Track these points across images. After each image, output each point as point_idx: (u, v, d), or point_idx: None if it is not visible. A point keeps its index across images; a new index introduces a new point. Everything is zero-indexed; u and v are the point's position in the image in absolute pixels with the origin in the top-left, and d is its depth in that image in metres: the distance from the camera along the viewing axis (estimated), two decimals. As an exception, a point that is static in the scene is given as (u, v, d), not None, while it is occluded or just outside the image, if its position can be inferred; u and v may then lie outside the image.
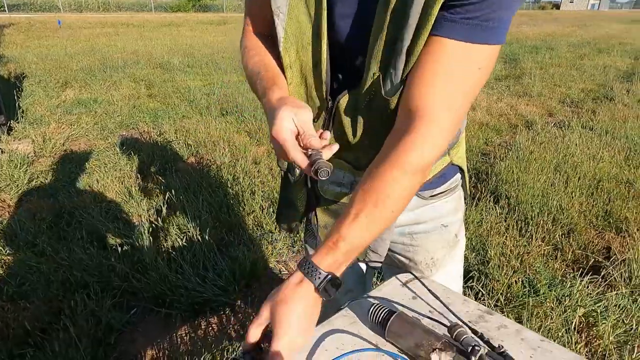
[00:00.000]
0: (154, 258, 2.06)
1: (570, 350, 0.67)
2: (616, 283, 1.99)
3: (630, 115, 4.61)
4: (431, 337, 0.64)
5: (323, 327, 0.74)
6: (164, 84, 6.09)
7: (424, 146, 0.62)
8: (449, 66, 0.61)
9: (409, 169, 0.62)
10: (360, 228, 0.62)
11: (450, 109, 0.62)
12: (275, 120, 0.64)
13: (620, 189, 2.87)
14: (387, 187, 0.62)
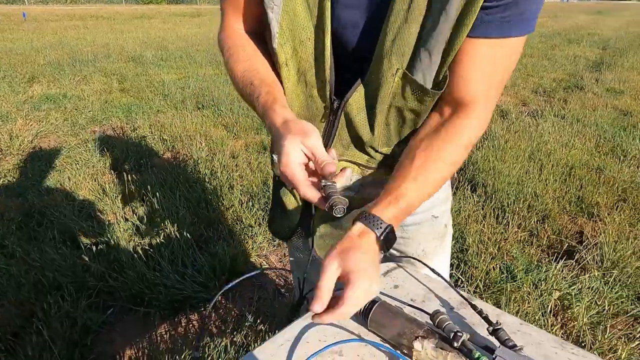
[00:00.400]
0: (130, 256, 2.01)
1: (547, 332, 0.68)
2: (589, 266, 2.05)
3: (599, 104, 4.75)
4: (413, 325, 0.64)
5: (305, 320, 0.73)
6: (137, 77, 5.93)
7: (475, 127, 0.68)
8: (490, 62, 0.64)
9: (462, 144, 0.68)
10: (418, 189, 0.66)
11: (492, 96, 0.68)
12: (282, 155, 0.61)
13: (591, 175, 2.96)
14: (444, 158, 0.67)
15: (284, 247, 2.30)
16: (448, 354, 0.59)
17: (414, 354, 0.62)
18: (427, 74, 0.65)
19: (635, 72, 6.36)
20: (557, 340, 0.67)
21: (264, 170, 2.98)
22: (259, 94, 0.69)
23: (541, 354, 0.64)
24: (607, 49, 8.62)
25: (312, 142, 0.61)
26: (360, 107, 0.72)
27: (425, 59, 0.63)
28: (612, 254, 2.09)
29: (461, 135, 0.68)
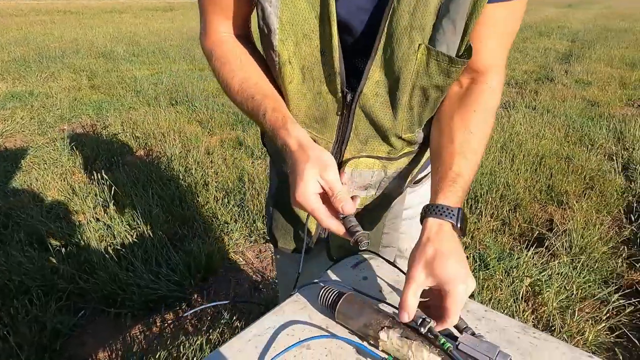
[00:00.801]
0: (102, 257, 1.96)
1: (511, 318, 0.69)
2: (558, 252, 2.11)
3: (569, 95, 4.88)
4: (379, 316, 0.64)
5: (273, 315, 0.73)
6: (108, 74, 5.77)
7: (496, 90, 0.70)
8: (504, 24, 0.66)
9: (490, 108, 0.69)
10: (469, 164, 0.66)
11: (505, 58, 0.70)
12: (298, 185, 0.60)
13: (561, 164, 3.04)
14: (480, 126, 0.68)
15: (260, 243, 2.29)
16: (412, 342, 0.59)
17: (380, 344, 0.62)
18: (452, 45, 0.62)
19: (602, 63, 6.56)
20: (520, 325, 0.68)
21: (240, 166, 2.96)
22: (264, 111, 0.67)
23: (504, 339, 0.65)
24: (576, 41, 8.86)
25: (332, 177, 0.61)
26: (378, 95, 0.68)
27: (449, 30, 0.61)
28: (580, 240, 2.15)
29: (487, 100, 0.69)
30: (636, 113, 4.25)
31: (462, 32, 0.62)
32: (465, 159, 0.65)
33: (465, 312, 0.71)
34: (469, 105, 0.68)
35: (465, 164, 0.65)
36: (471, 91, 0.69)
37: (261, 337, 0.68)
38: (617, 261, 2.08)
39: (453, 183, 0.64)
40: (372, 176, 0.78)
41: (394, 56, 0.63)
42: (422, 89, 0.67)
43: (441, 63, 0.64)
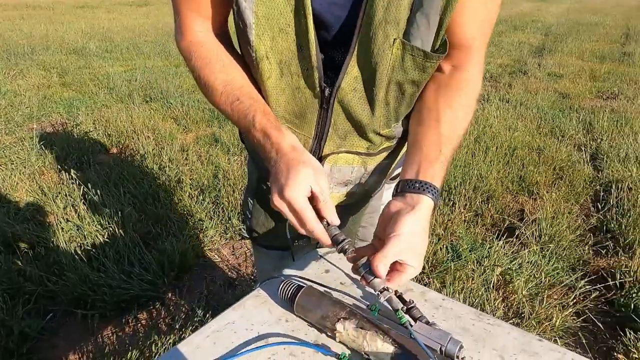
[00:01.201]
0: (71, 258, 1.92)
1: (467, 306, 0.71)
2: (528, 242, 2.16)
3: (541, 88, 4.98)
4: (336, 307, 0.64)
5: (234, 310, 0.72)
6: (79, 71, 5.62)
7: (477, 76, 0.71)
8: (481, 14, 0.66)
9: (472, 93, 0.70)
10: (452, 145, 0.67)
11: (484, 47, 0.70)
12: (290, 184, 0.59)
13: (532, 155, 3.11)
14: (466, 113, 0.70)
15: (236, 240, 2.27)
16: (367, 332, 0.60)
17: (336, 335, 0.62)
18: (426, 39, 0.62)
19: (574, 56, 6.72)
20: (475, 313, 0.70)
21: (215, 162, 2.93)
22: (254, 113, 0.66)
23: (460, 326, 0.67)
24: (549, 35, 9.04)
25: (324, 185, 0.61)
26: (355, 90, 0.68)
27: (423, 24, 0.61)
28: (549, 229, 2.21)
29: (469, 86, 0.70)
30: (605, 105, 4.38)
31: (436, 27, 0.62)
32: (450, 142, 0.67)
33: (423, 301, 0.72)
34: (453, 90, 0.69)
35: (450, 147, 0.67)
36: (454, 78, 0.70)
37: (220, 333, 0.67)
38: (584, 248, 2.15)
39: (439, 164, 0.65)
40: (351, 172, 0.78)
41: (370, 51, 0.63)
42: (398, 84, 0.68)
43: (416, 58, 0.64)
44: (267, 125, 0.65)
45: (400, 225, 0.59)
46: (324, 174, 0.63)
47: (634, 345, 1.57)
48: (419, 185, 0.63)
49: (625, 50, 7.00)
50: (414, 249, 0.59)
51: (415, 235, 0.59)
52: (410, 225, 0.59)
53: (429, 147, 0.66)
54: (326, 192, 0.61)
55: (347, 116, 0.71)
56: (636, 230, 2.19)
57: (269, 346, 0.63)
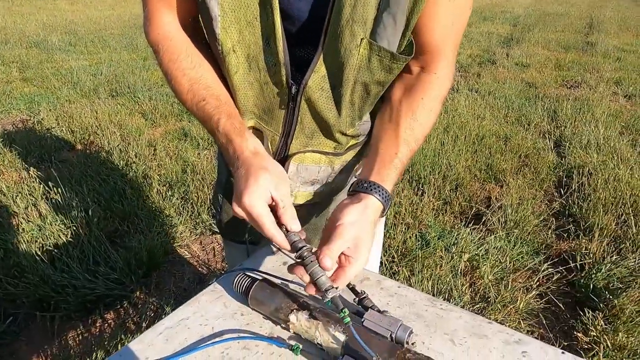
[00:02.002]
0: (33, 259, 1.85)
1: (421, 292, 0.72)
2: (494, 227, 2.22)
3: (509, 77, 5.09)
4: (289, 299, 0.64)
5: (188, 306, 0.71)
6: (41, 65, 5.40)
7: (444, 80, 0.70)
8: (450, 14, 0.65)
9: (437, 97, 0.70)
10: (410, 149, 0.68)
11: (454, 48, 0.70)
12: (248, 190, 0.57)
13: (500, 144, 3.18)
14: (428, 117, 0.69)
15: (206, 235, 2.24)
16: (319, 323, 0.60)
17: (290, 326, 0.62)
18: (392, 40, 0.62)
19: (540, 46, 6.88)
20: (429, 299, 0.71)
21: (184, 157, 2.87)
22: (219, 116, 0.64)
23: (413, 312, 0.68)
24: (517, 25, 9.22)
25: (285, 192, 0.59)
26: (322, 89, 0.67)
27: (390, 25, 0.60)
28: (514, 214, 2.27)
29: (434, 89, 0.69)
30: (569, 93, 4.51)
31: (403, 27, 0.61)
32: (407, 147, 0.67)
33: (379, 289, 0.73)
34: (417, 93, 0.69)
35: (407, 151, 0.67)
36: (420, 79, 0.70)
37: (173, 330, 0.66)
38: (547, 233, 2.22)
39: (393, 167, 0.65)
40: (318, 171, 0.78)
41: (337, 50, 0.62)
42: (364, 84, 0.67)
43: (383, 59, 0.63)
44: (230, 130, 0.64)
45: (345, 215, 0.59)
46: (286, 179, 0.62)
47: (592, 324, 1.63)
48: (367, 185, 0.63)
49: (589, 40, 7.22)
50: (359, 240, 0.58)
51: (360, 228, 0.59)
52: (356, 216, 0.59)
53: (385, 150, 0.67)
54: (286, 199, 0.60)
55: (314, 115, 0.71)
56: (596, 214, 2.27)
57: (223, 342, 0.62)
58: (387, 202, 0.64)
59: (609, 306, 1.69)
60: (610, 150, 3.02)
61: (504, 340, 0.62)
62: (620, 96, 4.44)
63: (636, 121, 3.63)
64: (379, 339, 0.57)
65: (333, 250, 0.57)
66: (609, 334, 1.57)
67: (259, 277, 0.70)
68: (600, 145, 3.11)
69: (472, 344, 0.61)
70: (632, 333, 1.56)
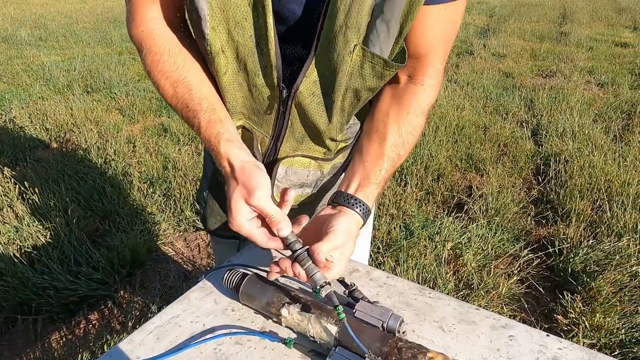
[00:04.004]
0: (10, 262, 1.80)
1: (410, 282, 0.73)
2: (476, 216, 2.26)
3: (486, 67, 5.17)
4: (281, 293, 0.64)
5: (178, 303, 0.71)
6: (10, 61, 5.22)
7: (431, 91, 0.70)
8: (441, 25, 0.65)
9: (421, 110, 0.70)
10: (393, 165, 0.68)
11: (443, 59, 0.70)
12: (231, 214, 0.60)
13: (479, 133, 3.24)
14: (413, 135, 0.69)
15: (190, 231, 2.22)
16: (311, 315, 0.60)
17: (282, 320, 0.63)
18: (385, 47, 0.61)
19: (516, 37, 7.00)
20: (417, 287, 0.72)
21: (164, 153, 2.83)
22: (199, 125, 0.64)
23: (403, 301, 0.69)
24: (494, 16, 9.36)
25: (261, 201, 0.59)
26: (313, 94, 0.66)
27: (383, 31, 0.60)
28: (495, 202, 2.32)
29: (422, 100, 0.70)
30: (544, 82, 4.61)
31: (396, 34, 0.61)
32: (391, 163, 0.68)
33: (368, 280, 0.74)
34: (404, 106, 0.69)
35: (390, 167, 0.68)
36: (408, 91, 0.70)
37: (163, 328, 0.66)
38: (526, 219, 2.27)
39: (376, 184, 0.66)
40: (307, 175, 0.78)
41: (330, 55, 0.61)
42: (355, 91, 0.67)
43: (375, 66, 0.63)
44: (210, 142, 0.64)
45: (337, 222, 0.61)
46: (259, 187, 0.59)
47: (570, 306, 1.69)
48: (353, 201, 0.65)
49: (562, 30, 7.38)
50: (344, 249, 0.61)
51: (348, 238, 0.61)
52: (345, 225, 0.61)
53: (370, 166, 0.67)
54: (266, 207, 0.59)
55: (304, 121, 0.70)
56: (572, 200, 2.34)
57: (215, 338, 0.62)
58: (366, 218, 0.66)
59: (587, 289, 1.76)
60: (585, 137, 3.11)
61: (491, 326, 0.63)
62: (593, 84, 4.57)
63: (608, 109, 3.74)
64: (371, 329, 0.58)
65: (326, 249, 0.58)
66: (587, 316, 1.63)
67: (249, 272, 0.70)
68: (575, 133, 3.20)
69: (461, 330, 0.63)
70: (608, 314, 1.62)
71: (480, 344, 0.60)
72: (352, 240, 0.62)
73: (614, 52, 5.88)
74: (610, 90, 4.30)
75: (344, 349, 0.56)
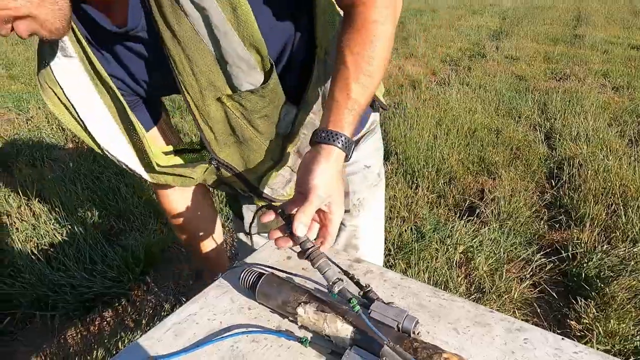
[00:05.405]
0: (28, 259, 1.84)
1: (423, 283, 0.73)
2: (488, 219, 2.25)
3: (499, 70, 5.13)
4: (297, 292, 0.65)
5: (195, 301, 0.72)
6: (28, 62, 5.33)
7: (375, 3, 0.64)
8: None
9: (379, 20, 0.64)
10: (365, 92, 0.65)
11: None
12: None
13: (491, 136, 3.22)
14: (372, 49, 0.64)
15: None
16: (327, 315, 0.61)
17: (298, 319, 0.64)
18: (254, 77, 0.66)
19: (529, 39, 6.94)
20: (431, 289, 0.72)
21: (178, 154, 2.86)
22: None
23: (417, 303, 0.69)
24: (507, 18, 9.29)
25: None
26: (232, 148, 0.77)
27: (241, 72, 0.64)
28: (507, 206, 2.30)
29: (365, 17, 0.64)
30: (558, 85, 4.56)
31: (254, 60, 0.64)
32: (359, 85, 0.64)
33: (382, 281, 0.75)
34: (352, 29, 0.65)
35: (361, 89, 0.64)
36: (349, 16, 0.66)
37: (181, 325, 0.67)
38: (539, 224, 2.25)
39: (348, 110, 0.64)
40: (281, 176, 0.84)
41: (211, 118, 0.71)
42: (259, 118, 0.71)
43: (250, 97, 0.68)
44: None
45: (313, 177, 0.61)
46: None
47: (584, 312, 1.67)
48: (325, 135, 0.63)
49: (577, 33, 7.29)
50: (331, 195, 0.62)
51: (328, 184, 0.61)
52: (322, 175, 0.61)
53: (339, 94, 0.65)
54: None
55: (245, 162, 0.81)
56: (586, 204, 2.32)
57: (232, 336, 0.64)
58: (349, 148, 0.64)
59: (601, 294, 1.73)
60: (600, 141, 3.07)
61: (506, 328, 0.64)
62: (608, 88, 4.51)
63: (624, 113, 3.69)
64: (386, 329, 0.58)
65: (306, 214, 0.60)
66: (601, 321, 1.61)
67: (265, 272, 0.71)
68: (589, 136, 3.16)
69: (475, 332, 0.63)
70: (623, 320, 1.60)
71: (494, 346, 0.61)
72: (334, 181, 0.62)
73: (630, 55, 5.79)
74: (626, 94, 4.24)
75: (359, 348, 0.57)
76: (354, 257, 0.82)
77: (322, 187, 0.60)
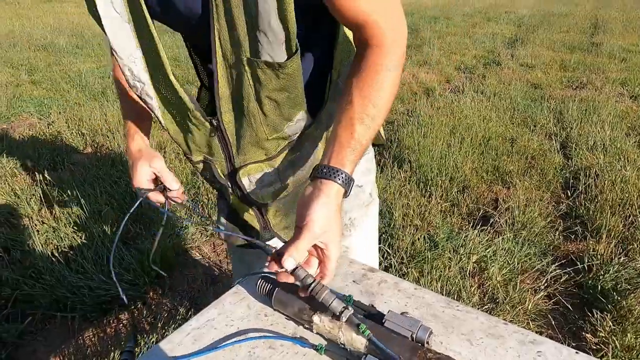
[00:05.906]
0: (49, 260, 1.89)
1: (437, 294, 0.74)
2: (502, 229, 2.23)
3: (514, 78, 5.10)
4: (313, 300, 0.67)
5: (214, 307, 0.74)
6: (49, 68, 5.47)
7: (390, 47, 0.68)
8: None
9: (385, 68, 0.67)
10: (367, 132, 0.67)
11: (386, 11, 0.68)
12: (134, 175, 0.83)
13: (506, 145, 3.20)
14: (378, 93, 0.67)
15: (216, 236, 2.28)
16: (342, 323, 0.62)
17: (313, 327, 0.65)
18: (275, 52, 0.65)
19: (545, 47, 6.88)
20: (445, 300, 0.73)
21: (193, 160, 2.91)
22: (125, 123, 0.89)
23: (430, 313, 0.70)
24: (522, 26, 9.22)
25: (158, 165, 0.83)
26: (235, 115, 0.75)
27: (264, 41, 0.64)
28: (522, 216, 2.29)
29: (376, 62, 0.67)
30: (574, 94, 4.51)
31: (283, 36, 0.64)
32: (363, 126, 0.66)
33: (396, 291, 0.76)
34: (362, 69, 0.68)
35: (364, 130, 0.66)
36: (361, 55, 0.69)
37: (200, 330, 0.69)
38: (554, 234, 2.23)
39: (350, 149, 0.66)
40: (265, 175, 0.84)
41: (225, 80, 0.71)
42: (267, 98, 0.71)
43: (266, 70, 0.68)
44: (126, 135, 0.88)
45: (311, 212, 0.62)
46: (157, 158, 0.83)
47: (600, 325, 1.65)
48: (327, 170, 0.64)
49: (594, 41, 7.20)
50: (327, 231, 0.62)
51: (326, 220, 0.62)
52: (320, 211, 0.62)
53: (342, 132, 0.67)
54: (160, 167, 0.82)
55: (238, 138, 0.79)
56: (603, 215, 2.29)
57: (249, 340, 0.65)
58: (348, 185, 0.65)
59: (617, 307, 1.71)
60: (617, 151, 3.03)
61: (520, 341, 0.64)
62: (627, 97, 4.44)
63: (642, 122, 3.64)
64: (400, 339, 0.59)
65: (298, 249, 0.60)
66: (618, 335, 1.59)
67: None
68: (606, 146, 3.12)
69: (489, 344, 0.64)
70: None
71: (507, 358, 0.61)
72: (332, 217, 0.63)
73: (649, 63, 5.70)
74: (645, 103, 4.18)
75: (374, 357, 0.58)
76: (367, 267, 0.83)
77: (318, 222, 0.61)
